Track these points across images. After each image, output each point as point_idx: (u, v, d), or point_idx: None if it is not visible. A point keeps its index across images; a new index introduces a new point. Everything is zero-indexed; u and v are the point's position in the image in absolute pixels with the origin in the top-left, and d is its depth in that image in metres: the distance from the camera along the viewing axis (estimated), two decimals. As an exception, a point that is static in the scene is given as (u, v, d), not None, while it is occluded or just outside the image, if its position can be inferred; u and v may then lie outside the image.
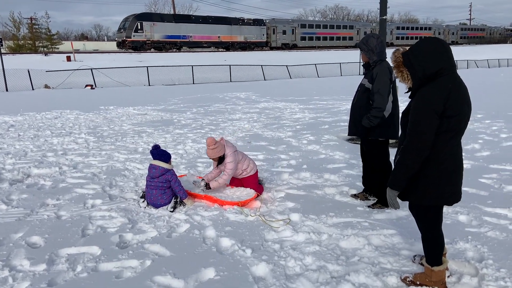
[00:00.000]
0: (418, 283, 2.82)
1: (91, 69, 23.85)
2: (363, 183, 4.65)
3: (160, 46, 53.06)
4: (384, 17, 7.77)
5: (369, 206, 4.32)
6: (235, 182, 4.98)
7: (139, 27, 50.31)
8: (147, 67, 25.63)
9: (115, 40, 57.22)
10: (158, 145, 4.61)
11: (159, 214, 4.26)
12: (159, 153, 4.51)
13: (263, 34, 63.62)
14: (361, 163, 6.03)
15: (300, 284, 2.91)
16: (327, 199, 4.65)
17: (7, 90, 20.31)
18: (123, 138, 8.39)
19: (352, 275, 2.94)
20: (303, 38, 69.18)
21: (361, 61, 4.38)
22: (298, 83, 26.21)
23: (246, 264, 3.20)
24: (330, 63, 34.77)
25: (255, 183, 4.88)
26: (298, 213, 4.20)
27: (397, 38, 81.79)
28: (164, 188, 4.41)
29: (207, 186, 4.70)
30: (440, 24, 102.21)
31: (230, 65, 28.77)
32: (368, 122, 4.13)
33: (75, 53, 37.99)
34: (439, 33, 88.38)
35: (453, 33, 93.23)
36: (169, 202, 4.42)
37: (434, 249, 2.73)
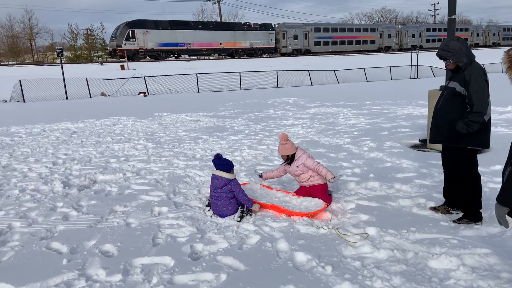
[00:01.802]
0: (532, 313, 2.47)
1: (144, 77, 24.61)
2: (444, 195, 4.27)
3: (155, 55, 50.19)
4: (453, 17, 7.27)
5: (454, 221, 3.95)
6: (302, 191, 4.77)
7: (130, 35, 47.42)
8: (196, 74, 26.08)
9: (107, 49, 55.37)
10: (220, 154, 4.46)
11: (227, 224, 4.14)
12: (221, 162, 4.35)
13: (272, 40, 58.93)
14: (433, 173, 5.67)
15: (392, 308, 2.65)
16: (403, 212, 4.32)
17: (67, 98, 21.37)
18: (180, 145, 8.44)
19: (451, 301, 2.63)
20: (317, 43, 64.36)
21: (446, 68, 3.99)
22: (346, 87, 25.63)
23: (327, 282, 2.97)
24: (379, 67, 33.80)
25: (324, 193, 4.64)
26: (374, 226, 3.91)
27: (427, 41, 75.78)
28: (229, 199, 4.28)
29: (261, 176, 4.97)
30: (478, 24, 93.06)
31: (277, 71, 28.70)
32: (465, 127, 3.71)
33: (128, 62, 39.48)
34: (478, 34, 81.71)
35: (494, 34, 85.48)
36: (235, 212, 4.29)
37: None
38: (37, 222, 4.28)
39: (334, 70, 31.41)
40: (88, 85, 22.26)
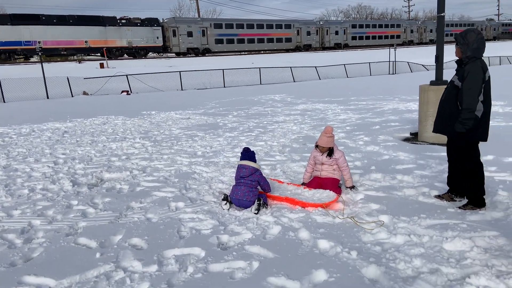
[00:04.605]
0: (546, 285, 2.74)
1: (127, 75, 24.35)
2: (448, 183, 4.55)
3: None
4: (442, 14, 7.60)
5: (459, 208, 4.23)
6: (313, 184, 4.97)
7: None
8: (179, 72, 25.98)
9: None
10: (248, 147, 4.73)
11: (245, 216, 4.30)
12: (250, 155, 4.68)
13: (158, 37, 49.61)
14: (431, 164, 5.98)
15: (420, 287, 2.87)
16: (411, 200, 4.59)
17: (48, 97, 20.96)
18: (178, 142, 8.51)
19: (472, 278, 2.88)
20: (219, 41, 55.02)
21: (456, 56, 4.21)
22: (329, 84, 26.05)
23: (355, 266, 3.18)
24: (358, 63, 34.45)
25: (335, 185, 4.87)
26: (386, 214, 4.15)
27: (353, 38, 69.13)
28: (252, 186, 4.56)
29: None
30: (413, 20, 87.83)
31: (260, 68, 28.88)
32: (461, 127, 3.98)
33: (108, 60, 38.86)
34: (412, 31, 75.33)
35: (431, 30, 77.66)
36: (253, 202, 4.47)
37: None
38: (57, 219, 4.33)
39: (315, 67, 31.84)
40: (69, 84, 21.87)
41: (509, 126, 8.65)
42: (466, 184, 4.24)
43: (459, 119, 4.01)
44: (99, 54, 46.39)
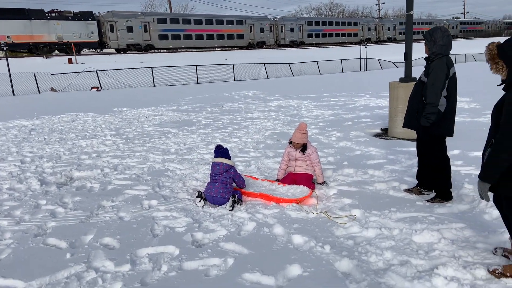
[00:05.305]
0: (508, 274, 2.86)
1: (97, 71, 23.75)
2: (417, 177, 4.69)
3: None
4: (410, 13, 7.79)
5: (428, 201, 4.37)
6: (287, 180, 5.01)
7: None
8: (151, 67, 25.56)
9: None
10: (221, 144, 4.70)
11: (220, 213, 4.29)
12: (223, 151, 4.67)
13: (93, 32, 45.40)
14: (401, 159, 6.13)
15: (390, 279, 2.95)
16: (382, 194, 4.70)
17: (13, 94, 20.19)
18: (150, 139, 8.39)
19: (440, 269, 2.98)
20: (163, 37, 51.46)
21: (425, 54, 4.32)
22: (302, 80, 26.26)
23: (328, 260, 3.23)
24: (331, 60, 34.87)
25: (309, 181, 4.92)
26: (358, 209, 4.24)
27: (309, 35, 66.55)
28: (227, 183, 4.54)
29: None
30: (370, 18, 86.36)
31: (233, 64, 28.79)
32: (425, 121, 4.12)
33: (76, 55, 37.76)
34: (369, 29, 74.70)
35: (388, 28, 78.60)
36: (228, 199, 4.46)
37: (526, 240, 2.78)
38: (25, 220, 4.20)
39: (289, 63, 32.01)
40: (36, 80, 21.13)
41: (474, 121, 8.98)
42: (433, 178, 4.38)
43: (423, 113, 4.14)
44: (25, 51, 42.64)
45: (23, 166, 6.40)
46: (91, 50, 47.74)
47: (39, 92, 21.05)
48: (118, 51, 48.22)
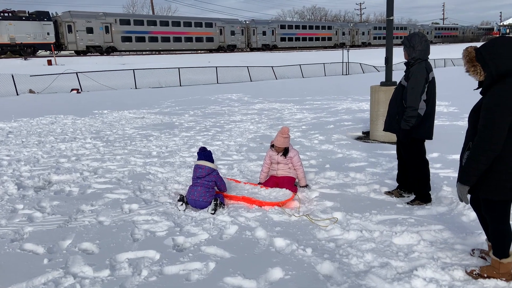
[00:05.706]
0: (485, 275, 2.92)
1: (77, 73, 23.36)
2: (397, 180, 4.76)
3: None
4: (391, 18, 7.92)
5: (407, 203, 4.43)
6: (270, 183, 5.02)
7: None
8: (133, 70, 25.28)
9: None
10: (204, 147, 4.68)
11: (202, 217, 4.26)
12: (206, 154, 4.63)
13: (48, 33, 43.09)
14: (381, 162, 6.21)
15: (371, 281, 2.98)
16: (363, 197, 4.74)
17: (-10, 95, 19.67)
18: (132, 142, 8.29)
19: (420, 270, 3.02)
20: (126, 39, 48.99)
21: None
22: (285, 84, 26.38)
23: (310, 263, 3.24)
24: (313, 63, 35.15)
25: (291, 184, 4.94)
26: (340, 211, 4.27)
27: (282, 39, 64.72)
28: (209, 187, 4.51)
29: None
30: (345, 23, 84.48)
31: (216, 67, 28.73)
32: (406, 124, 4.20)
33: (55, 56, 37.06)
34: (343, 33, 74.06)
35: (363, 33, 77.74)
36: (210, 203, 4.44)
37: (502, 241, 2.84)
38: (1, 225, 4.08)
39: (272, 67, 32.12)
40: (14, 81, 20.65)
41: (453, 125, 9.17)
42: (413, 180, 4.45)
43: (403, 117, 4.21)
44: None
45: (0, 170, 6.23)
46: (49, 51, 44.68)
47: (17, 94, 20.56)
48: (78, 53, 46.22)
